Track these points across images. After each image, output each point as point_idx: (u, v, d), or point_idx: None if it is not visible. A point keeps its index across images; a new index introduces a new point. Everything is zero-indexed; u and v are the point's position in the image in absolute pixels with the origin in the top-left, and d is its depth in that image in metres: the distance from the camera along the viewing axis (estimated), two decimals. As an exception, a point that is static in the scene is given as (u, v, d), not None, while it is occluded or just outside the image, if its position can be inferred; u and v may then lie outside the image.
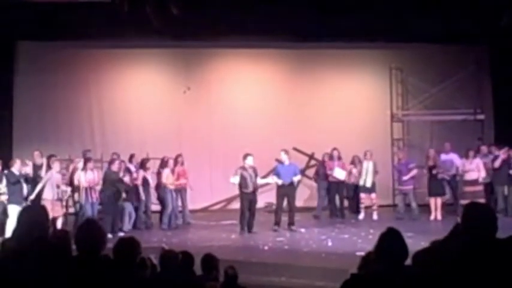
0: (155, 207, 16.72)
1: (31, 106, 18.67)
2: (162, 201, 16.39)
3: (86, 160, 15.68)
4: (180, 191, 16.76)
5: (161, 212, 16.40)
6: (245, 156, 15.54)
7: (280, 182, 15.62)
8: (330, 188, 17.76)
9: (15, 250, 4.74)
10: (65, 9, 15.49)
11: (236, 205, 19.00)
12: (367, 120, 20.10)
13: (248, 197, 15.37)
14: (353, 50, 20.15)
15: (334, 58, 20.29)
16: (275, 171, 15.81)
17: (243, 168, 15.41)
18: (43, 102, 18.79)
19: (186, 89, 19.47)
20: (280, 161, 16.11)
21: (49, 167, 15.15)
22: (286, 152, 16.15)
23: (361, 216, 17.47)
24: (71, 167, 16.28)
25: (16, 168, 14.89)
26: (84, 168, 15.37)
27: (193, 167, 17.32)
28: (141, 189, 16.12)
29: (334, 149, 17.68)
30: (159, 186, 16.37)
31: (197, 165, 17.69)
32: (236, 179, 15.37)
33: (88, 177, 15.22)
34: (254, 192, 15.59)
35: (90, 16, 15.88)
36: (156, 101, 19.60)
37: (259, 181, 15.62)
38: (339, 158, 17.65)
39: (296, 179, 15.93)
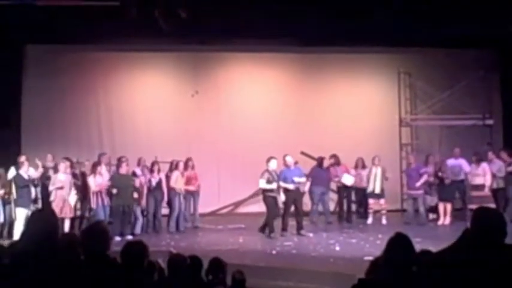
0: (165, 210, 16.71)
1: (39, 110, 18.70)
2: (170, 204, 16.40)
3: (95, 164, 15.68)
4: (192, 194, 16.77)
5: (169, 216, 16.41)
6: (269, 160, 15.49)
7: (291, 186, 15.56)
8: (339, 192, 17.76)
9: (23, 253, 4.75)
10: (73, 13, 15.51)
11: (243, 209, 19.12)
12: (376, 124, 20.06)
13: (274, 200, 15.33)
14: (361, 55, 20.14)
15: (342, 62, 20.28)
16: (281, 176, 15.71)
17: (268, 171, 15.35)
18: (51, 106, 18.82)
19: (194, 93, 19.50)
20: (286, 165, 16.00)
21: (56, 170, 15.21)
22: (290, 155, 16.14)
23: (370, 221, 17.43)
24: (79, 170, 16.31)
25: (24, 170, 14.92)
26: (93, 172, 15.38)
27: (201, 170, 17.30)
28: (145, 192, 16.11)
29: (332, 156, 17.65)
30: (168, 190, 16.37)
31: (205, 169, 17.67)
32: (264, 183, 15.30)
33: (97, 181, 15.23)
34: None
35: (98, 20, 15.90)
36: (164, 104, 19.60)
37: (268, 186, 15.50)
38: (339, 164, 17.66)
39: (300, 180, 15.88)
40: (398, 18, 16.42)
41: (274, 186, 15.29)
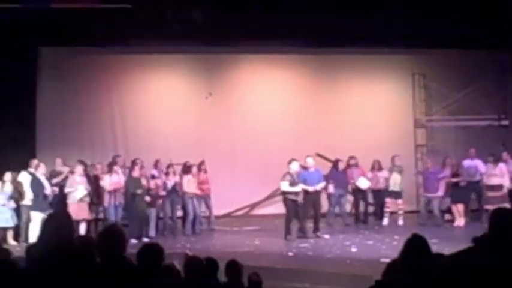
0: (180, 213, 16.72)
1: (54, 112, 18.76)
2: (183, 207, 16.42)
3: (112, 163, 15.71)
4: (205, 197, 16.77)
5: (184, 218, 16.41)
6: (290, 162, 15.41)
7: (311, 188, 15.51)
8: (354, 194, 17.73)
9: (40, 257, 4.75)
10: (87, 16, 15.57)
11: (259, 211, 19.10)
12: (390, 126, 20.03)
13: (294, 202, 15.33)
14: (376, 56, 20.09)
15: (356, 63, 20.21)
16: (301, 178, 15.63)
17: (289, 173, 15.33)
18: (66, 108, 18.89)
19: (207, 95, 19.52)
20: (304, 167, 15.93)
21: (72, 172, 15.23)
22: (312, 157, 16.10)
23: (386, 222, 17.37)
24: (92, 173, 16.34)
25: (40, 172, 14.96)
26: (110, 171, 15.41)
27: (216, 172, 17.31)
28: (161, 195, 16.14)
29: (352, 157, 17.63)
30: (182, 193, 16.39)
31: (219, 171, 17.68)
32: (286, 185, 15.26)
33: (113, 179, 15.25)
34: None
35: (112, 22, 15.95)
36: (178, 106, 19.62)
37: (290, 189, 15.42)
38: (357, 166, 17.61)
39: (320, 186, 15.84)
40: (412, 19, 16.38)
41: (298, 188, 15.21)
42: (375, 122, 19.99)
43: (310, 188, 15.47)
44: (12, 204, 14.79)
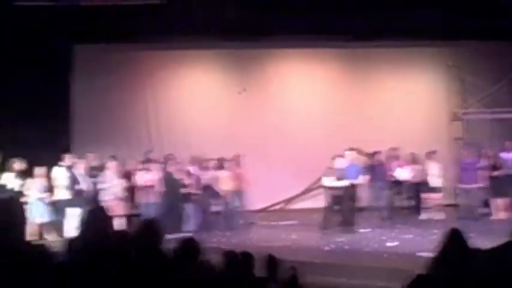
0: (217, 208, 16.72)
1: (88, 108, 18.87)
2: (220, 202, 16.42)
3: (146, 160, 15.76)
4: (240, 192, 16.77)
5: (220, 213, 16.42)
6: (334, 157, 15.44)
7: (347, 182, 15.43)
8: (391, 188, 17.54)
9: (77, 251, 4.77)
10: (119, 13, 15.65)
11: (295, 205, 19.11)
12: (426, 119, 19.92)
13: (337, 197, 15.28)
14: (410, 49, 20.00)
15: (390, 57, 20.12)
16: (339, 172, 15.55)
17: (333, 169, 15.26)
18: (100, 105, 18.99)
19: (241, 90, 19.51)
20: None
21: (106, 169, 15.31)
22: (349, 151, 16.00)
23: (424, 216, 17.21)
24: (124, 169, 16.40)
25: (79, 169, 15.05)
26: (144, 168, 15.46)
27: (251, 167, 17.27)
28: (197, 190, 16.15)
29: (393, 148, 17.46)
30: (217, 188, 16.39)
31: (255, 166, 17.63)
32: (328, 181, 15.19)
33: (146, 177, 15.30)
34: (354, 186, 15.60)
35: (145, 18, 16.02)
36: (212, 102, 19.64)
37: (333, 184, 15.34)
38: (397, 158, 17.43)
39: (361, 180, 15.77)
40: (447, 11, 16.24)
41: (341, 183, 15.11)
42: (410, 116, 19.86)
43: (347, 182, 15.41)
44: (48, 198, 14.87)
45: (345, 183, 15.22)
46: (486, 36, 18.38)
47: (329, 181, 15.15)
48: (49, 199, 14.89)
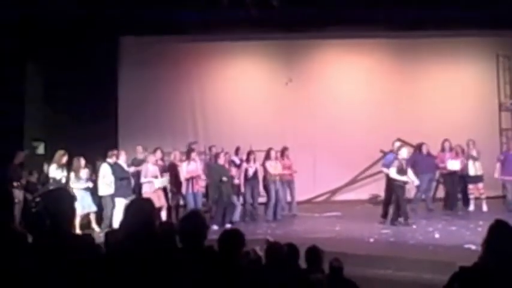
0: (262, 199, 16.76)
1: (135, 100, 19.10)
2: (266, 192, 16.45)
3: (189, 150, 15.81)
4: (288, 182, 16.77)
5: (266, 204, 16.46)
6: (399, 148, 15.29)
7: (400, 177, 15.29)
8: (445, 180, 17.26)
9: (121, 242, 4.82)
10: (165, 4, 15.72)
11: (340, 197, 19.04)
12: (474, 109, 19.66)
13: (403, 188, 15.20)
14: (458, 38, 19.78)
15: (438, 47, 19.87)
16: (386, 162, 15.44)
17: (399, 159, 15.17)
18: (146, 96, 19.17)
19: (288, 81, 19.47)
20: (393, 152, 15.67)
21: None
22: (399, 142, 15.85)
23: (471, 207, 17.02)
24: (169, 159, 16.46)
25: (123, 160, 15.17)
26: (188, 159, 15.51)
27: (297, 158, 17.27)
28: (242, 181, 16.18)
29: (446, 140, 17.20)
30: (265, 178, 16.42)
31: (300, 157, 17.64)
32: (394, 172, 15.11)
33: (190, 167, 15.35)
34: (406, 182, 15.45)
35: (190, 10, 16.07)
36: (258, 93, 19.68)
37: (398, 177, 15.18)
38: (451, 149, 17.16)
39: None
40: (496, 0, 16.02)
41: (405, 178, 14.96)
42: (458, 106, 19.64)
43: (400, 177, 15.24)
44: (90, 184, 15.04)
45: (406, 178, 14.99)
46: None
47: (393, 172, 14.92)
48: (91, 184, 15.02)
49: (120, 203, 14.38)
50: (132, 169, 15.56)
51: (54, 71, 17.67)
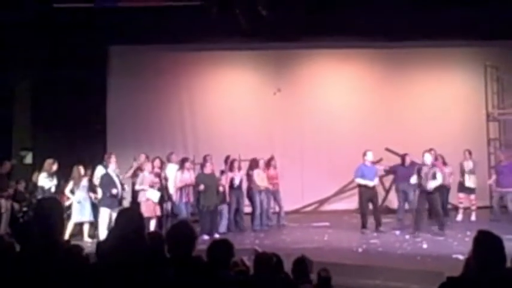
0: (248, 209, 16.76)
1: (124, 109, 19.06)
2: (251, 202, 16.44)
3: (183, 160, 15.77)
4: (274, 192, 16.78)
5: (252, 214, 16.45)
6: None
7: (371, 183, 15.49)
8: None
9: (109, 252, 4.81)
10: (155, 13, 15.75)
11: (328, 207, 19.06)
12: (462, 119, 19.72)
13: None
14: (447, 48, 19.82)
15: (426, 56, 19.92)
16: (359, 173, 15.61)
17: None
18: (135, 105, 19.12)
19: (276, 91, 19.47)
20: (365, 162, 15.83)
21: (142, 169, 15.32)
22: (372, 152, 15.98)
23: (459, 217, 17.07)
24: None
25: (112, 169, 15.09)
26: (181, 168, 15.48)
27: (285, 168, 17.33)
28: (227, 191, 16.14)
29: (430, 149, 17.23)
30: (250, 188, 16.42)
31: (289, 167, 17.69)
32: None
33: (184, 177, 15.34)
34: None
35: (180, 19, 16.09)
36: (247, 102, 19.66)
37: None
38: (436, 159, 17.20)
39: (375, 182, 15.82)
40: (484, 10, 16.10)
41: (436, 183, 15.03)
42: (446, 116, 19.67)
43: (370, 183, 15.45)
44: (95, 197, 14.98)
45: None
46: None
47: (414, 179, 15.03)
48: (95, 199, 14.97)
49: (105, 213, 14.32)
50: (129, 174, 15.51)
51: (42, 80, 17.65)
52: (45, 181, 14.51)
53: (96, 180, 15.06)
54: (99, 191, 14.85)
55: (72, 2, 15.62)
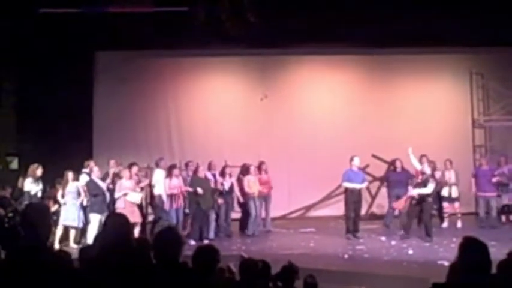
0: (235, 214, 16.75)
1: (110, 115, 18.97)
2: (245, 208, 16.43)
3: (172, 167, 15.75)
4: (264, 198, 16.79)
5: (242, 220, 16.42)
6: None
7: (358, 186, 15.60)
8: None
9: (95, 258, 4.80)
10: (142, 19, 15.73)
11: (314, 213, 19.06)
12: (448, 126, 19.76)
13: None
14: (433, 55, 19.84)
15: (413, 63, 19.96)
16: (346, 177, 15.69)
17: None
18: (122, 111, 19.05)
19: (263, 96, 19.45)
20: (352, 167, 15.92)
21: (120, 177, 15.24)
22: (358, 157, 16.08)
23: (445, 224, 17.13)
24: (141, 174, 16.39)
25: (95, 175, 15.05)
26: (170, 175, 15.47)
27: (271, 174, 17.29)
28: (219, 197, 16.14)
29: (423, 155, 17.21)
30: (244, 194, 16.43)
31: (275, 173, 17.64)
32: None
33: (173, 183, 15.32)
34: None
35: (167, 25, 16.08)
36: (234, 108, 19.63)
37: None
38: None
39: (362, 185, 15.92)
40: (470, 17, 16.17)
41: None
42: (432, 123, 19.70)
43: (357, 186, 15.57)
44: (84, 202, 14.96)
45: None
46: (510, 42, 18.27)
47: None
48: (85, 202, 14.94)
49: (95, 219, 14.31)
50: (108, 182, 15.46)
51: (28, 86, 17.59)
52: (31, 186, 14.47)
53: (81, 187, 15.02)
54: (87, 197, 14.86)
55: (59, 8, 15.58)
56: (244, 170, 16.70)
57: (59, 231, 14.48)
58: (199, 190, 15.25)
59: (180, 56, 19.53)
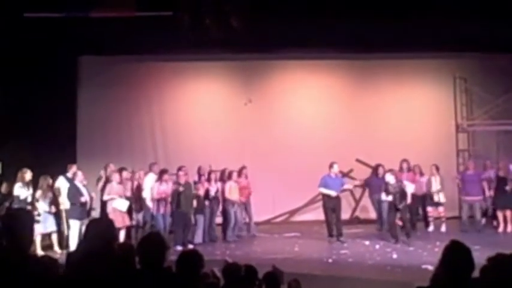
0: (219, 219, 16.75)
1: (94, 120, 18.92)
2: (225, 213, 16.43)
3: (162, 172, 15.71)
4: (245, 203, 16.80)
5: (224, 225, 16.44)
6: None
7: (333, 193, 15.82)
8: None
9: (79, 263, 4.79)
10: (126, 24, 15.69)
11: (299, 217, 19.09)
12: (431, 130, 19.83)
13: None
14: (416, 60, 19.91)
15: (396, 68, 20.07)
16: (322, 183, 15.82)
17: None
18: (106, 116, 19.03)
19: (247, 101, 19.47)
20: (330, 173, 16.10)
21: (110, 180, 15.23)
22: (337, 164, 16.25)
23: (430, 228, 17.19)
24: (133, 179, 16.33)
25: (79, 180, 14.99)
26: (160, 180, 15.45)
27: (255, 178, 17.31)
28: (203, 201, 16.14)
29: (404, 160, 17.38)
30: (224, 200, 16.42)
31: (259, 177, 17.65)
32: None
33: (162, 188, 15.30)
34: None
35: (151, 30, 16.05)
36: (218, 113, 19.60)
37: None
38: (409, 170, 17.36)
39: (346, 187, 16.27)
40: (454, 22, 16.22)
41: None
42: (416, 127, 19.78)
43: (332, 193, 15.75)
44: (53, 209, 14.90)
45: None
46: (493, 48, 18.37)
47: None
48: (54, 210, 14.88)
49: (75, 225, 14.24)
50: (100, 186, 15.41)
51: (11, 90, 17.49)
52: (21, 191, 14.42)
53: (57, 191, 14.96)
54: (66, 202, 14.79)
55: (43, 12, 15.51)
56: (227, 175, 16.67)
57: (38, 239, 14.36)
58: (181, 188, 15.25)
59: (164, 61, 19.50)
